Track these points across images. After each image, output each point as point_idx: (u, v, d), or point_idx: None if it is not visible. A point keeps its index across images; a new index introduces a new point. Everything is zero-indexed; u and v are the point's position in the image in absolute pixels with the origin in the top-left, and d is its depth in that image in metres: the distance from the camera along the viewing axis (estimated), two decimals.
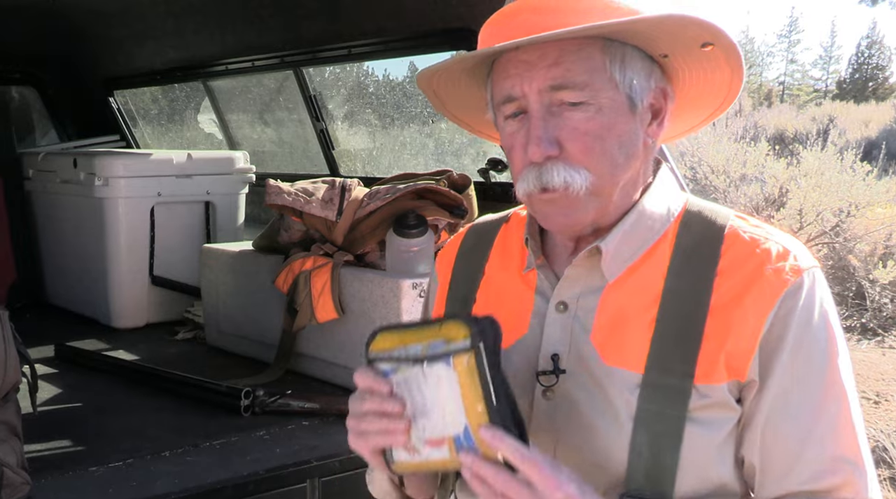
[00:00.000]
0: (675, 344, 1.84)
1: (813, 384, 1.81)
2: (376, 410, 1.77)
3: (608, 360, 1.88)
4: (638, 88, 1.89)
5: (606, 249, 1.92)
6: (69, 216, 5.99)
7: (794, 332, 1.80)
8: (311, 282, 4.21)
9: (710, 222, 1.95)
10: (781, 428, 1.81)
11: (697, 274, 1.87)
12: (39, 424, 3.23)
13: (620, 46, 1.86)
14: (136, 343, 5.27)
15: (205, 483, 3.09)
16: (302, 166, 6.59)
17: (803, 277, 1.82)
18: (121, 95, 7.53)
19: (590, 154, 1.82)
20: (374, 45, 5.04)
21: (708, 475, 1.85)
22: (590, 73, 1.82)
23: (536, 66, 1.82)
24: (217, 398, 3.94)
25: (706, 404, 1.81)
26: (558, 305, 1.98)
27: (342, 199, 4.37)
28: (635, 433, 1.83)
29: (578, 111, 1.82)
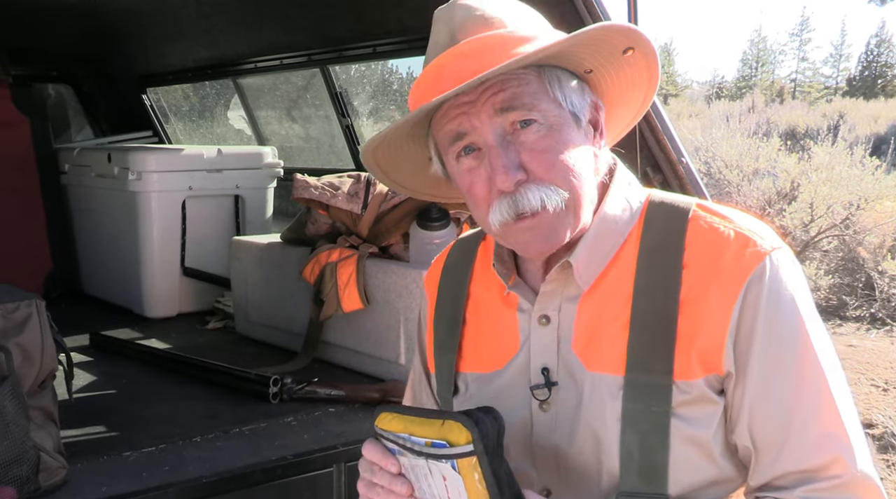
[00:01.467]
0: (651, 342, 1.82)
1: (789, 368, 1.79)
2: (385, 486, 1.77)
3: (590, 366, 1.88)
4: (578, 105, 1.89)
5: (577, 262, 1.90)
6: (103, 209, 6.00)
7: (764, 318, 1.78)
8: (337, 273, 4.21)
9: (673, 215, 1.93)
10: (765, 415, 1.80)
11: (664, 269, 1.86)
12: (75, 410, 3.23)
13: (552, 70, 1.87)
14: (168, 332, 5.28)
15: (234, 468, 3.09)
16: (328, 161, 6.59)
17: (765, 261, 1.79)
18: (153, 93, 7.55)
19: (553, 170, 1.81)
20: (397, 43, 5.03)
21: (701, 469, 1.84)
22: (532, 96, 1.81)
23: (480, 100, 1.81)
24: (246, 386, 3.94)
25: (687, 399, 1.80)
26: (541, 318, 1.97)
27: (367, 192, 4.36)
28: (623, 434, 1.82)
29: (531, 132, 1.80)
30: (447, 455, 1.64)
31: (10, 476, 2.70)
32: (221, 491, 3.02)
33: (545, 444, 1.94)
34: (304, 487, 3.14)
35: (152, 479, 2.99)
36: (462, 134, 1.84)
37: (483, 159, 1.84)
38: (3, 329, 2.77)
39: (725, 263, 1.79)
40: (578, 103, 1.88)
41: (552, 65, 1.86)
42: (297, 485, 3.14)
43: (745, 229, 1.84)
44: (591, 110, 1.92)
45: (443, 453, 1.64)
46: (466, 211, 3.96)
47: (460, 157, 1.87)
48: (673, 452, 1.79)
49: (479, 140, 1.83)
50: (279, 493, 3.12)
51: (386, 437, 1.77)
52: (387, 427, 1.76)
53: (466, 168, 1.87)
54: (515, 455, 1.97)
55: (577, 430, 1.88)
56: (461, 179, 1.91)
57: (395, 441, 1.74)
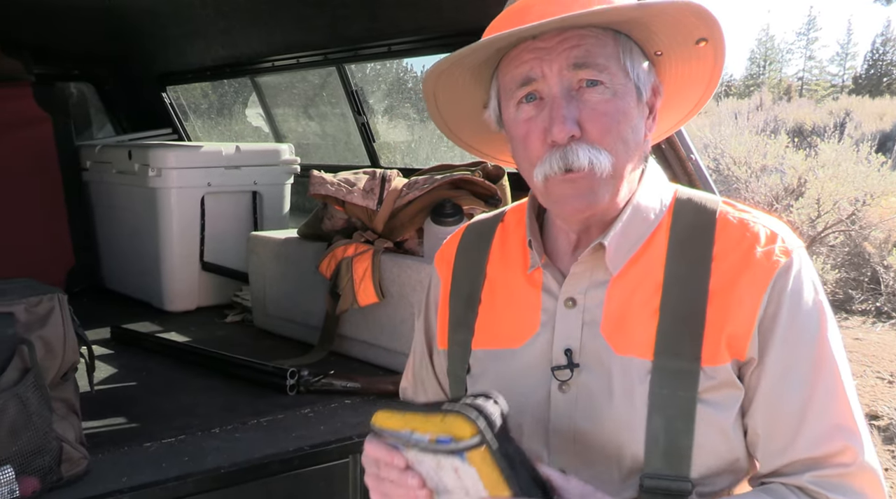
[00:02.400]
0: (680, 329, 1.84)
1: (807, 359, 1.82)
2: (395, 481, 1.75)
3: (619, 350, 1.89)
4: (643, 81, 1.91)
5: (609, 245, 1.91)
6: (124, 205, 6.00)
7: (787, 310, 1.81)
8: (352, 267, 4.21)
9: (701, 209, 1.96)
10: (780, 402, 1.82)
11: (695, 259, 1.88)
12: (96, 402, 3.23)
13: (627, 40, 1.88)
14: (187, 326, 5.28)
15: (253, 458, 3.09)
16: (344, 158, 6.59)
17: (792, 257, 1.84)
18: (173, 91, 7.55)
19: (608, 135, 1.82)
20: (412, 42, 5.03)
21: (722, 453, 1.86)
22: (606, 58, 1.83)
23: (556, 50, 1.82)
24: (264, 378, 3.94)
25: (714, 384, 1.81)
26: (567, 301, 1.97)
27: (382, 189, 4.36)
28: (650, 418, 1.83)
29: (596, 93, 1.82)
30: (455, 450, 1.60)
31: (33, 467, 2.70)
32: (240, 481, 3.02)
33: (563, 424, 1.94)
34: (321, 477, 3.14)
35: (172, 469, 3.00)
36: (530, 79, 1.84)
37: (543, 110, 1.84)
38: (26, 322, 2.77)
39: (756, 256, 1.82)
40: (644, 79, 1.90)
41: (627, 36, 1.87)
42: (314, 475, 3.14)
43: (771, 226, 1.88)
44: (651, 91, 1.94)
45: (450, 449, 1.61)
46: (480, 206, 3.96)
47: (521, 104, 1.88)
48: (696, 436, 1.80)
49: (545, 89, 1.84)
50: (296, 483, 3.13)
51: (386, 435, 1.74)
52: (386, 425, 1.73)
53: (525, 117, 1.88)
54: (529, 435, 1.99)
55: (601, 412, 1.89)
56: (516, 128, 1.91)
57: (397, 438, 1.71)
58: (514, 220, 2.20)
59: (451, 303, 2.21)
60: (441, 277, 2.27)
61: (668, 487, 1.83)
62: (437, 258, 2.32)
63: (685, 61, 1.97)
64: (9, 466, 2.63)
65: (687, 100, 2.11)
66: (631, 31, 1.88)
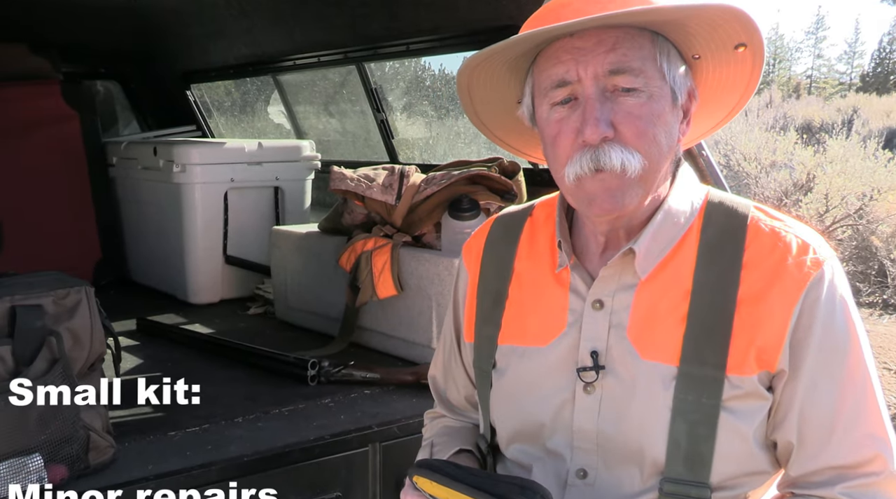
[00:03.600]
0: (707, 337, 1.82)
1: (839, 370, 1.80)
2: None
3: (645, 355, 1.87)
4: (679, 84, 1.87)
5: (639, 250, 1.89)
6: (149, 200, 6.01)
7: (820, 322, 1.78)
8: (372, 261, 4.21)
9: (732, 214, 1.92)
10: (813, 412, 1.80)
11: (724, 267, 1.85)
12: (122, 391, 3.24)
13: (665, 42, 1.85)
14: (211, 317, 5.28)
15: (275, 447, 3.09)
16: (364, 154, 6.59)
17: (823, 268, 1.80)
18: (197, 89, 7.56)
19: (642, 138, 1.79)
20: (430, 41, 5.02)
21: (742, 461, 1.84)
22: (643, 61, 1.80)
23: (593, 52, 1.78)
24: (285, 369, 3.94)
25: (738, 394, 1.79)
26: (594, 303, 1.94)
27: (401, 184, 4.36)
28: (673, 423, 1.81)
29: (631, 97, 1.79)
30: None
31: (61, 455, 2.71)
32: (262, 469, 3.03)
33: (586, 425, 1.92)
34: (342, 465, 3.14)
35: (196, 457, 3.00)
36: (566, 82, 1.82)
37: (576, 111, 1.82)
38: (54, 314, 2.78)
39: (788, 267, 1.79)
40: (680, 83, 1.87)
41: (665, 37, 1.85)
42: (335, 464, 3.14)
43: (803, 235, 1.85)
44: (687, 95, 1.91)
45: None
46: (496, 201, 3.95)
47: (555, 105, 1.85)
48: (718, 443, 1.79)
49: (580, 91, 1.81)
50: (317, 471, 3.12)
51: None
52: (429, 491, 1.71)
53: (557, 117, 1.85)
54: (552, 435, 1.97)
55: (624, 414, 1.87)
56: (549, 128, 1.89)
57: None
58: (542, 215, 2.17)
59: (478, 297, 2.18)
60: (469, 270, 2.24)
61: (688, 492, 1.82)
62: (464, 251, 2.29)
63: (723, 66, 1.94)
64: (38, 454, 2.64)
65: (722, 105, 2.08)
66: (669, 32, 1.85)
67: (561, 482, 1.97)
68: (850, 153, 16.70)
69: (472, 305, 2.20)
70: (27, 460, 2.61)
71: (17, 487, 2.60)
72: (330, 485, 3.15)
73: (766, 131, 20.26)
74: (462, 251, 2.30)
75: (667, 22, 1.81)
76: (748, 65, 1.92)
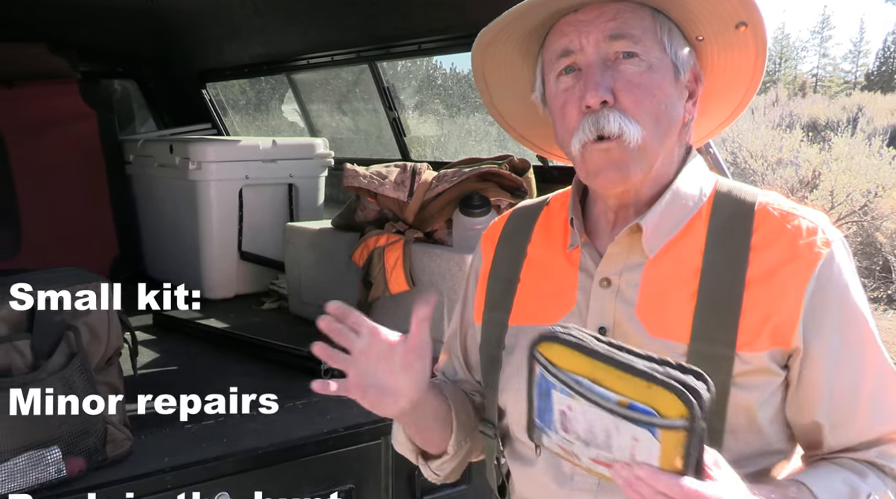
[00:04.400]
0: (716, 315, 1.82)
1: (858, 347, 1.83)
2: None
3: (653, 332, 1.87)
4: (681, 60, 1.90)
5: (646, 226, 1.90)
6: (166, 197, 6.01)
7: (833, 300, 1.80)
8: (384, 257, 4.21)
9: (741, 200, 1.94)
10: (840, 390, 1.82)
11: (733, 249, 1.86)
12: (139, 385, 3.24)
13: (666, 20, 1.89)
14: (226, 312, 5.29)
15: (289, 439, 3.10)
16: (376, 152, 6.59)
17: (833, 248, 1.82)
18: (212, 87, 7.57)
19: (640, 107, 1.82)
20: (441, 41, 5.02)
21: (752, 437, 1.85)
22: (643, 31, 1.83)
23: (594, 23, 1.83)
24: (299, 362, 3.94)
25: (748, 370, 1.80)
26: (602, 281, 1.96)
27: (413, 181, 4.36)
28: None
29: (631, 64, 1.82)
30: (648, 423, 1.43)
31: (79, 447, 2.71)
32: (276, 461, 3.03)
33: None
34: (355, 457, 3.14)
35: (212, 450, 3.01)
36: (569, 51, 1.85)
37: (580, 80, 1.85)
38: (72, 310, 2.78)
39: (799, 248, 1.81)
40: (682, 59, 1.90)
41: (666, 15, 1.89)
42: (348, 456, 3.14)
43: (811, 217, 1.87)
44: (691, 74, 1.94)
45: (645, 420, 1.44)
46: (506, 198, 3.95)
47: (560, 76, 1.89)
48: (728, 419, 1.80)
49: (582, 59, 1.85)
50: (331, 463, 3.13)
51: (554, 371, 1.52)
52: (561, 364, 1.51)
53: (563, 87, 1.88)
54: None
55: None
56: (556, 100, 1.92)
57: (566, 382, 1.50)
58: (558, 203, 2.19)
59: (489, 283, 2.20)
60: (484, 256, 2.27)
61: None
62: (483, 238, 2.32)
63: (727, 49, 1.97)
64: (56, 446, 2.65)
65: (731, 97, 2.10)
66: (669, 10, 1.89)
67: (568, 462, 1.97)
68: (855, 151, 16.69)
69: (483, 290, 2.22)
70: (46, 452, 2.62)
71: (36, 478, 2.60)
72: (343, 477, 3.15)
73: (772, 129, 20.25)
74: (480, 239, 2.33)
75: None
76: (751, 49, 1.95)
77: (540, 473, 2.03)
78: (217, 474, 2.89)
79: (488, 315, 2.19)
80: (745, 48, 1.96)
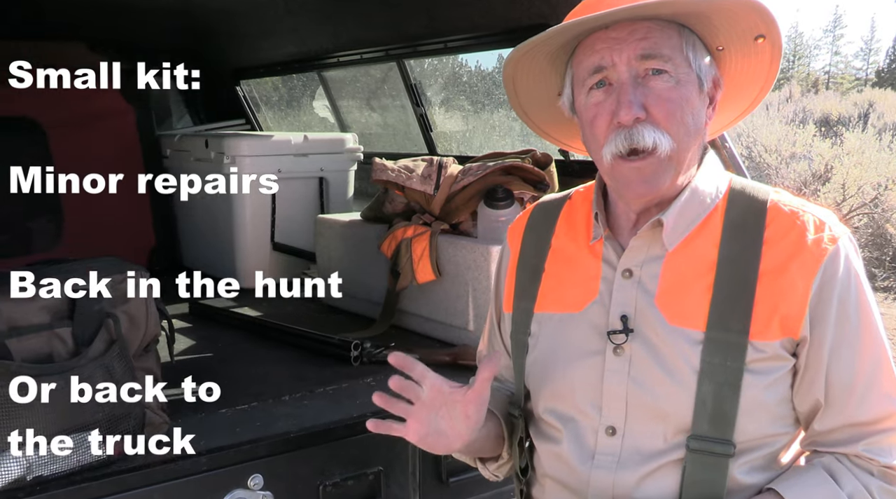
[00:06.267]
0: (731, 305, 1.88)
1: (856, 337, 1.88)
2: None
3: (672, 320, 1.93)
4: (705, 72, 1.95)
5: (667, 221, 1.96)
6: None
7: (838, 293, 1.86)
8: (411, 248, 4.21)
9: (754, 198, 1.99)
10: (836, 375, 1.88)
11: (746, 243, 1.92)
12: (176, 371, 3.24)
13: (691, 34, 1.93)
14: (259, 301, 5.29)
15: (319, 423, 3.10)
16: (404, 146, 6.58)
17: (839, 244, 1.89)
18: (246, 84, 7.57)
19: (672, 119, 1.87)
20: (466, 39, 5.01)
21: (763, 419, 1.91)
22: (671, 49, 1.88)
23: (626, 41, 1.87)
24: (330, 350, 3.95)
25: (760, 357, 1.86)
26: (624, 272, 2.02)
27: (439, 175, 4.35)
28: (700, 384, 1.87)
29: (661, 80, 1.87)
30: None
31: (118, 431, 2.71)
32: (307, 444, 3.03)
33: (616, 385, 1.99)
34: (383, 442, 3.13)
35: (245, 433, 3.00)
36: (601, 68, 1.90)
37: (611, 95, 1.90)
38: (111, 298, 2.79)
39: (807, 243, 1.87)
40: (705, 71, 1.95)
41: (691, 30, 1.93)
42: (376, 440, 3.13)
43: (819, 215, 1.93)
44: (712, 83, 1.99)
45: None
46: (529, 191, 3.94)
47: (592, 90, 1.93)
48: (741, 403, 1.85)
49: (614, 76, 1.89)
50: (359, 446, 3.13)
51: None
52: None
53: (594, 102, 1.93)
54: (583, 394, 2.04)
55: (653, 376, 1.94)
56: (586, 112, 1.97)
57: None
58: (580, 198, 2.25)
59: (517, 273, 2.26)
60: (511, 248, 2.32)
61: (713, 448, 1.88)
62: (509, 231, 2.37)
63: (744, 57, 2.01)
64: (96, 430, 2.65)
65: (744, 97, 2.14)
66: (694, 25, 1.92)
67: (591, 439, 2.04)
68: (866, 145, 16.67)
69: (512, 279, 2.28)
70: (86, 435, 2.62)
71: (77, 461, 2.61)
72: (372, 460, 3.15)
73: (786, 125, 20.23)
74: (507, 232, 2.38)
75: (692, 14, 1.87)
76: (767, 56, 2.00)
77: (564, 451, 2.08)
78: (250, 456, 2.89)
79: (517, 303, 2.25)
80: (761, 56, 2.00)
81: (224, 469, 2.84)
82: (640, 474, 1.96)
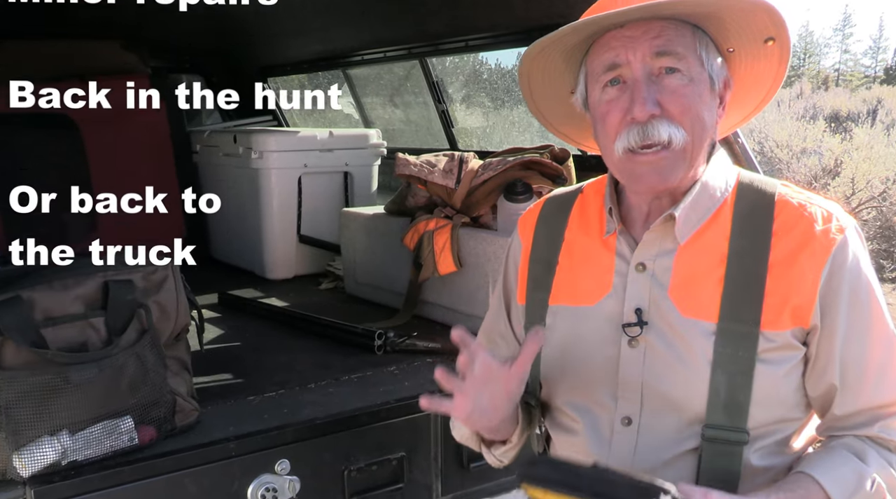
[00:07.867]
0: (742, 296, 1.87)
1: (866, 324, 1.88)
2: None
3: (685, 312, 1.92)
4: (716, 72, 1.94)
5: (679, 215, 1.95)
6: (230, 184, 6.02)
7: (847, 282, 1.85)
8: (433, 240, 4.21)
9: (762, 191, 1.99)
10: (849, 362, 1.87)
11: (756, 235, 1.91)
12: (205, 360, 3.24)
13: (704, 34, 1.92)
14: (286, 292, 5.29)
15: (344, 411, 3.10)
16: (426, 142, 6.58)
17: (846, 234, 1.88)
18: (273, 82, 7.59)
19: (686, 114, 1.86)
20: (487, 38, 5.01)
21: (775, 407, 1.90)
22: (685, 48, 1.87)
23: (640, 39, 1.86)
24: (354, 339, 3.95)
25: (772, 347, 1.85)
26: (638, 265, 2.01)
27: (460, 169, 4.35)
28: (713, 374, 1.87)
29: (674, 79, 1.86)
30: None
31: (150, 417, 2.72)
32: (333, 431, 3.03)
33: (631, 377, 1.98)
34: (406, 428, 3.13)
35: (273, 420, 3.01)
36: (616, 65, 1.89)
37: (625, 92, 1.89)
38: (143, 289, 2.80)
39: (815, 234, 1.85)
40: (717, 71, 1.94)
41: (703, 30, 1.92)
42: (399, 426, 3.14)
43: (826, 206, 1.92)
44: (723, 84, 1.98)
45: None
46: (548, 185, 3.94)
47: (606, 87, 1.92)
48: (754, 392, 1.85)
49: (628, 73, 1.88)
50: (383, 433, 3.12)
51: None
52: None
53: (608, 98, 1.92)
54: (599, 386, 2.03)
55: (667, 367, 1.93)
56: (599, 108, 1.96)
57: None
58: (591, 192, 2.22)
59: (530, 265, 2.24)
60: (522, 240, 2.30)
61: (728, 437, 1.87)
62: (520, 223, 2.35)
63: (754, 60, 2.00)
64: (129, 416, 2.65)
65: (751, 99, 2.14)
66: (707, 26, 1.92)
67: (607, 430, 2.03)
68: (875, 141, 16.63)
69: (525, 271, 2.26)
70: (119, 421, 2.63)
71: (110, 446, 2.62)
72: (395, 446, 3.15)
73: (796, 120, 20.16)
74: (517, 224, 2.36)
75: (705, 14, 1.87)
76: (775, 59, 1.99)
77: (581, 442, 2.08)
78: (278, 442, 2.89)
79: (531, 295, 2.23)
80: (769, 59, 2.00)
81: (252, 455, 2.84)
82: (657, 463, 1.96)
